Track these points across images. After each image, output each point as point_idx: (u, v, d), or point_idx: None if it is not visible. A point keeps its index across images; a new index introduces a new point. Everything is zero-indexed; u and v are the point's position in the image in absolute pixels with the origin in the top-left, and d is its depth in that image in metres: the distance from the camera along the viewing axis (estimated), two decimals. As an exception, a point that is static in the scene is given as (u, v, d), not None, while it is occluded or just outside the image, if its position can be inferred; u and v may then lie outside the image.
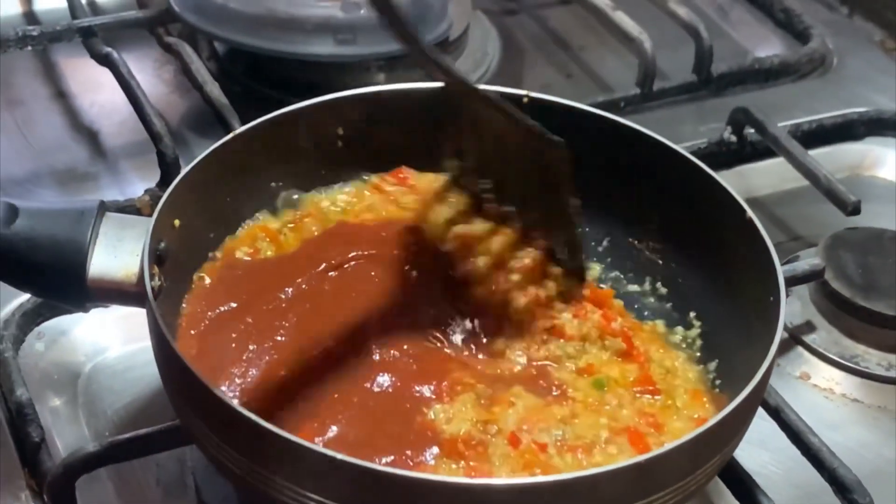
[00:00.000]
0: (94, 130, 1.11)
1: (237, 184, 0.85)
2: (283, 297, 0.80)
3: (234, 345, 0.77)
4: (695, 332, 0.85)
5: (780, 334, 0.74)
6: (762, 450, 0.84)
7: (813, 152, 1.05)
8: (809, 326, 0.95)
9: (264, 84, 1.13)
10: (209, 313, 0.79)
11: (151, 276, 0.74)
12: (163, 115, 1.03)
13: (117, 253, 0.77)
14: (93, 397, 0.87)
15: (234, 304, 0.79)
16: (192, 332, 0.78)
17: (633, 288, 0.89)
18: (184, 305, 0.80)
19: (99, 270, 0.76)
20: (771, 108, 1.10)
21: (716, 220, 0.84)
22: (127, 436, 0.77)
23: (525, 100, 0.89)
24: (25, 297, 0.89)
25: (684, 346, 0.84)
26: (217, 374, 0.75)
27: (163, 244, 0.77)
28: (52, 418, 0.85)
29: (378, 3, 0.74)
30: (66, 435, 0.84)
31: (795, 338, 0.94)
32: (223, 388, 0.74)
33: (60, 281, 0.76)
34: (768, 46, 1.25)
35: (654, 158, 0.87)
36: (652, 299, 0.88)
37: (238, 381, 0.75)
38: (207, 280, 0.81)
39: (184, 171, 0.81)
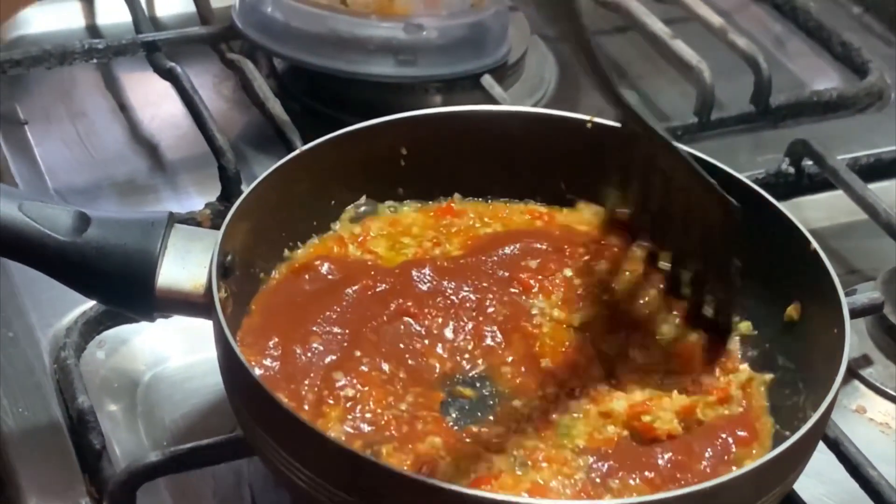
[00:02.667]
0: (153, 143, 1.13)
1: (300, 200, 0.85)
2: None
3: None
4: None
5: (844, 367, 0.74)
6: (819, 482, 0.84)
7: (871, 186, 1.04)
8: (866, 360, 0.94)
9: (322, 103, 1.14)
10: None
11: (218, 288, 0.75)
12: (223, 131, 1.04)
13: (185, 264, 0.77)
14: (151, 406, 0.88)
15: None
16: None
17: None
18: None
19: (167, 281, 0.77)
20: (828, 140, 1.10)
21: (777, 250, 0.84)
22: (189, 446, 0.77)
23: (588, 125, 0.89)
24: (88, 305, 0.90)
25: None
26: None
27: (229, 257, 0.78)
28: (111, 426, 0.85)
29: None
30: (124, 443, 0.85)
31: (852, 371, 0.94)
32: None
33: (129, 290, 0.77)
34: (826, 79, 1.25)
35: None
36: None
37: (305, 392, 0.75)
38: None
39: (252, 185, 0.81)
